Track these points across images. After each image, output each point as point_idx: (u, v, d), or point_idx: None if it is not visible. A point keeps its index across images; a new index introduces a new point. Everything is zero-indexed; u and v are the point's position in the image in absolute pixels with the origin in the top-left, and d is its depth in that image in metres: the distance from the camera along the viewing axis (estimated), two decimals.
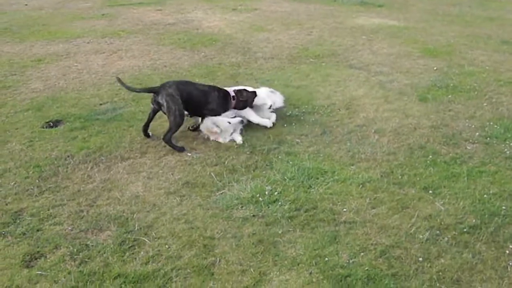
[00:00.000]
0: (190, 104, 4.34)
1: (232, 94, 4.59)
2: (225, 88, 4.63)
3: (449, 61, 7.00)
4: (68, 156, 4.15)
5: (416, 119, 4.95)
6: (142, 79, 6.12)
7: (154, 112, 4.39)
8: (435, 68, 6.63)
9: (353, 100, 5.46)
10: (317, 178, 3.79)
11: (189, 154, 4.21)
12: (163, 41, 7.99)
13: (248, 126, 4.70)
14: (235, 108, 4.62)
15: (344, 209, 3.43)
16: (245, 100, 4.63)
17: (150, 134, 4.50)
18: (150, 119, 4.43)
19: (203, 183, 3.76)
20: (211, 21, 9.63)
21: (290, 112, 5.08)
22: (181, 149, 4.26)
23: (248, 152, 4.23)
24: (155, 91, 4.28)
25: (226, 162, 4.06)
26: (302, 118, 4.97)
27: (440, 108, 5.23)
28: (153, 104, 4.33)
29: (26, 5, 11.41)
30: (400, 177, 3.84)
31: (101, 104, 5.32)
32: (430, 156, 4.17)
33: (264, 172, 3.90)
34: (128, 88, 4.47)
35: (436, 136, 4.57)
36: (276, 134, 4.57)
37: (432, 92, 5.71)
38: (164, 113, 4.30)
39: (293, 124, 4.81)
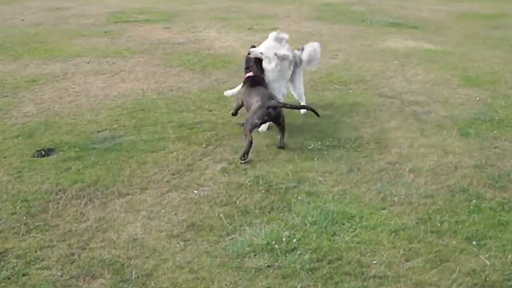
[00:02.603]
0: None
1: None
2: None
3: (494, 91, 6.93)
4: (60, 190, 4.13)
5: (457, 156, 4.87)
6: (145, 104, 6.16)
7: None
8: (477, 99, 6.57)
9: (384, 133, 5.40)
10: (343, 224, 3.70)
11: (195, 192, 4.17)
12: (170, 62, 8.08)
13: (261, 159, 4.66)
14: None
15: (374, 261, 3.34)
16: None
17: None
18: None
19: (211, 226, 3.69)
20: (225, 41, 9.75)
21: (312, 146, 5.04)
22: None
23: (263, 191, 4.17)
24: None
25: (237, 202, 4.00)
26: (325, 152, 4.91)
27: (485, 145, 5.15)
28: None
29: (22, 20, 11.70)
30: (439, 224, 3.75)
31: (98, 132, 5.34)
32: (474, 201, 4.06)
33: (281, 214, 3.83)
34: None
35: (480, 177, 4.47)
36: (295, 171, 4.52)
37: (475, 126, 5.63)
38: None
39: (315, 159, 4.76)
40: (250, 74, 5.37)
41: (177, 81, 7.08)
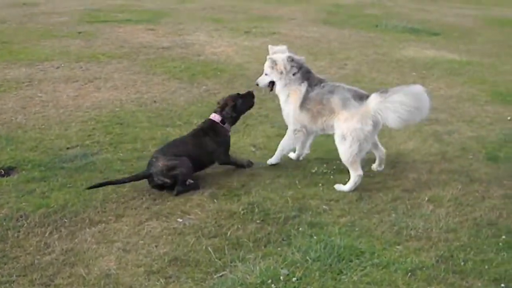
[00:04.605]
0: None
1: (215, 117, 5.00)
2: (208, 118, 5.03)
3: None
4: (21, 216, 4.12)
5: (484, 185, 4.89)
6: (124, 117, 6.19)
7: None
8: (508, 118, 6.63)
9: (400, 156, 5.43)
10: (351, 261, 3.70)
11: (180, 220, 4.17)
12: (153, 69, 8.14)
13: (257, 183, 4.68)
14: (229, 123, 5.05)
15: None
16: (231, 105, 5.00)
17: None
18: None
19: (197, 261, 3.68)
20: (217, 46, 9.84)
21: (315, 169, 5.06)
22: (197, 186, 4.67)
23: (258, 221, 4.17)
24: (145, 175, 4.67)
25: (228, 233, 4.00)
26: (331, 177, 4.93)
27: None
28: None
29: None
30: (462, 263, 3.74)
31: (68, 148, 5.35)
32: (503, 237, 4.07)
33: (279, 249, 3.83)
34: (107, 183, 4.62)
35: (510, 209, 4.48)
36: (296, 198, 4.53)
37: (505, 149, 5.67)
38: None
39: (320, 185, 4.77)
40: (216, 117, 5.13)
41: (161, 91, 7.13)
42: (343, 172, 5.01)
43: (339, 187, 4.75)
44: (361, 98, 4.73)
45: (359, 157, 4.71)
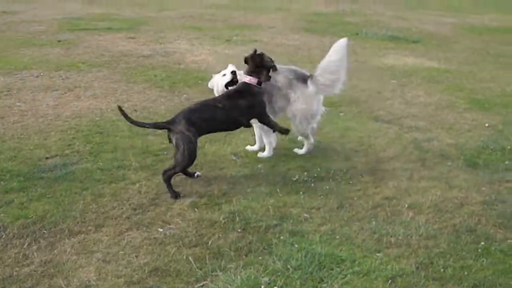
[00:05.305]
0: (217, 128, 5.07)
1: (252, 80, 5.06)
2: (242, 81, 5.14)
3: (505, 115, 7.09)
4: (0, 228, 4.08)
5: (463, 191, 4.93)
6: (104, 126, 6.15)
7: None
8: (486, 125, 6.71)
9: (380, 164, 5.46)
10: (332, 269, 3.70)
11: (160, 230, 4.14)
12: (134, 78, 8.11)
13: (237, 191, 4.68)
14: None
15: None
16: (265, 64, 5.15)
17: (196, 174, 5.01)
18: None
19: (178, 271, 3.66)
20: (198, 54, 9.85)
21: (296, 177, 5.07)
22: (175, 195, 4.65)
23: (239, 230, 4.16)
24: (164, 127, 4.83)
25: (209, 243, 3.99)
26: (312, 185, 4.94)
27: (495, 178, 5.23)
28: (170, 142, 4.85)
29: None
30: (442, 270, 3.77)
31: (47, 158, 5.31)
32: (482, 243, 4.10)
33: (260, 258, 3.82)
34: (133, 122, 4.83)
35: (489, 215, 4.53)
36: (277, 206, 4.53)
37: (484, 156, 5.73)
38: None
39: (301, 193, 4.78)
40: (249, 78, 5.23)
41: (142, 100, 7.10)
42: (324, 180, 5.04)
43: (298, 151, 5.65)
44: (304, 80, 5.45)
45: (309, 130, 5.52)
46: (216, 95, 5.44)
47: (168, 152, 5.49)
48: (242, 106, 4.94)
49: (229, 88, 5.29)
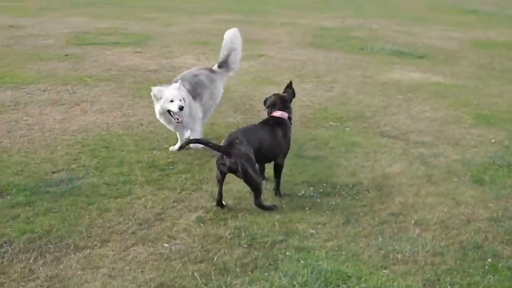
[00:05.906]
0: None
1: (284, 114, 5.13)
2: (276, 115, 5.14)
3: (511, 131, 7.07)
4: (6, 242, 4.08)
5: (470, 207, 4.91)
6: (110, 141, 6.18)
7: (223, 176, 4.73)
8: (493, 141, 6.69)
9: (386, 179, 5.45)
10: (338, 286, 3.69)
11: (166, 245, 4.14)
12: (140, 92, 8.15)
13: (243, 207, 4.68)
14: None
15: None
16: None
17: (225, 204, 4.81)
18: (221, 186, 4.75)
19: (183, 287, 3.65)
20: None
21: (302, 192, 5.06)
22: (273, 207, 4.73)
23: (245, 245, 4.16)
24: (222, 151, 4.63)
25: (215, 259, 3.98)
26: (318, 200, 4.94)
27: (502, 194, 5.21)
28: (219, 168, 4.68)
29: None
30: (449, 287, 3.75)
31: (53, 173, 5.32)
32: (489, 260, 4.09)
33: (265, 274, 3.81)
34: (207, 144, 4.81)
35: (496, 232, 4.51)
36: (283, 222, 4.53)
37: (490, 172, 5.71)
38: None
39: (307, 208, 4.77)
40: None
41: (148, 114, 7.12)
42: (330, 195, 5.03)
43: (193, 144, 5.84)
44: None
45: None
46: (156, 111, 5.81)
47: (174, 167, 5.51)
48: (279, 137, 5.00)
49: (172, 115, 5.66)
